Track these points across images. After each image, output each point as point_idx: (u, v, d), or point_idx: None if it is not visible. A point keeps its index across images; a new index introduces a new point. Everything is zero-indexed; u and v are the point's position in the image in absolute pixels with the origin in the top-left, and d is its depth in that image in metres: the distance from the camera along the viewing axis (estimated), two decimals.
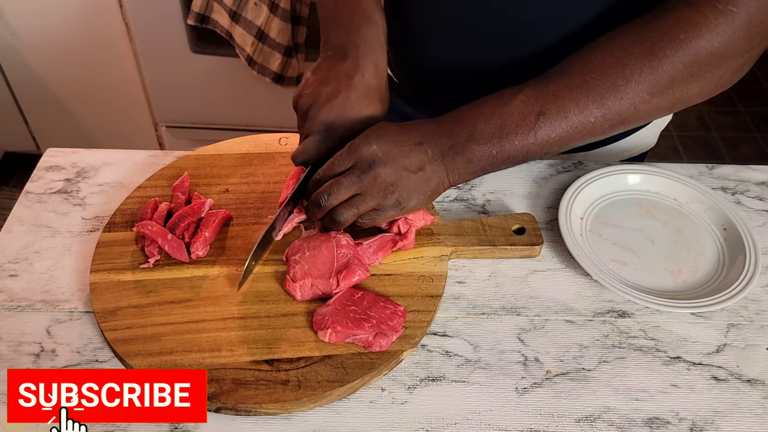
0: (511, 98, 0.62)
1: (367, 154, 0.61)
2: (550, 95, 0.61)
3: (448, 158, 0.63)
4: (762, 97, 2.57)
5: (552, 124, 0.61)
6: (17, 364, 0.61)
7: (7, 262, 0.69)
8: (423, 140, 0.63)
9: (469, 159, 0.62)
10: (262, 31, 1.54)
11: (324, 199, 0.63)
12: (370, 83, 0.67)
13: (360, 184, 0.62)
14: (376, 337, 0.60)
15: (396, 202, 0.63)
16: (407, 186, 0.62)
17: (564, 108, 0.60)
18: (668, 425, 0.58)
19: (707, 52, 0.58)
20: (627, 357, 0.63)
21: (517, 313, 0.66)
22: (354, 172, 0.62)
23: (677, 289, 0.69)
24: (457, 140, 0.62)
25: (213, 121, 1.86)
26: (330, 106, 0.66)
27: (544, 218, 0.76)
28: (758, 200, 0.79)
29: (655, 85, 0.59)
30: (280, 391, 0.57)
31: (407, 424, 0.58)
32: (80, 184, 0.78)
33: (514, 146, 0.62)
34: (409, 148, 0.62)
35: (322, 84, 0.67)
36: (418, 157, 0.62)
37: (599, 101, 0.60)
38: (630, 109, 0.61)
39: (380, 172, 0.61)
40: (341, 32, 0.69)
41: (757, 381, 0.62)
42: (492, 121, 0.62)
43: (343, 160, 0.62)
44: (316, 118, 0.66)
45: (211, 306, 0.64)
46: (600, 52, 0.61)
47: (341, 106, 0.66)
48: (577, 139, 0.62)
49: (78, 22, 1.69)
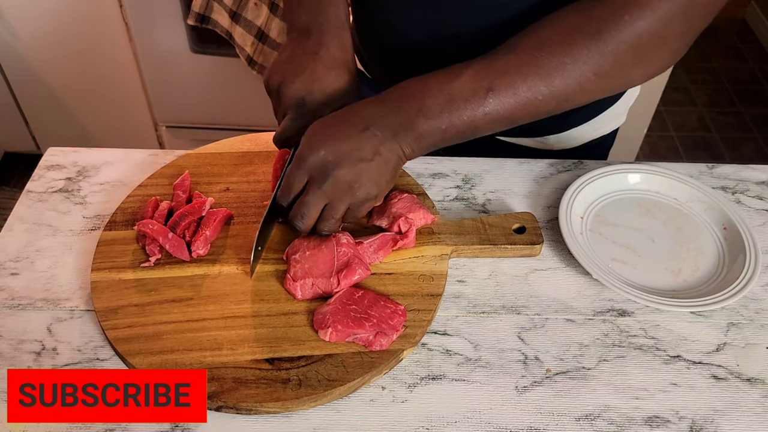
0: (460, 73, 0.62)
1: (318, 163, 0.61)
2: (498, 71, 0.61)
3: (400, 135, 0.62)
4: (762, 97, 2.57)
5: (501, 99, 0.61)
6: (18, 362, 0.61)
7: (8, 260, 0.69)
8: (368, 124, 0.62)
9: (419, 134, 0.62)
10: (262, 31, 1.54)
11: (299, 222, 0.63)
12: (335, 56, 0.69)
13: (324, 196, 0.62)
14: (376, 336, 0.60)
15: (366, 195, 0.63)
16: (369, 175, 0.62)
17: (513, 84, 0.61)
18: (668, 424, 0.58)
19: (649, 34, 0.59)
20: (627, 356, 0.63)
21: (518, 311, 0.66)
22: (314, 185, 0.61)
23: (677, 288, 0.69)
24: (406, 116, 0.62)
25: (213, 121, 1.86)
26: (299, 81, 0.67)
27: (544, 217, 0.76)
28: (758, 200, 0.79)
29: (600, 66, 0.60)
30: (280, 390, 0.57)
31: (407, 423, 0.58)
32: (81, 183, 0.78)
33: (462, 121, 0.62)
34: (357, 137, 0.61)
35: (290, 62, 0.68)
36: (370, 142, 0.61)
37: (547, 79, 0.61)
38: (576, 88, 0.62)
39: (338, 175, 0.61)
40: (304, 13, 0.71)
41: (756, 380, 0.62)
42: (441, 96, 0.61)
43: (297, 176, 0.62)
44: (288, 94, 0.68)
45: (212, 305, 0.64)
46: (548, 30, 0.62)
47: (309, 80, 0.67)
48: (525, 115, 0.63)
49: (78, 22, 1.69)
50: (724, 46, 2.82)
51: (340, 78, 0.69)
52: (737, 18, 2.98)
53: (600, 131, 0.88)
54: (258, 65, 1.59)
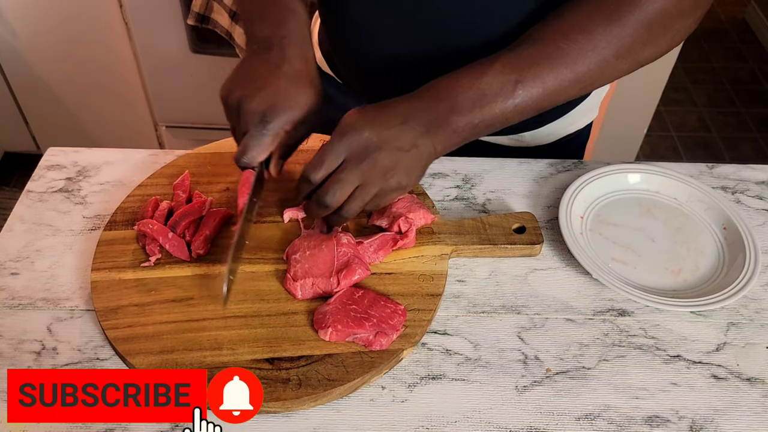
0: (488, 68, 0.64)
1: (362, 143, 0.61)
2: (525, 63, 0.63)
3: (433, 131, 0.63)
4: (762, 97, 2.57)
5: (529, 90, 0.63)
6: (18, 362, 0.61)
7: (8, 260, 0.69)
8: (407, 118, 0.63)
9: (453, 130, 0.64)
10: None
11: (330, 198, 0.62)
12: (298, 69, 0.67)
13: (361, 175, 0.61)
14: (376, 335, 0.60)
15: (397, 184, 0.63)
16: (405, 165, 0.63)
17: (540, 75, 0.63)
18: (668, 423, 0.58)
19: (662, 14, 0.63)
20: (627, 355, 0.63)
21: (518, 311, 0.66)
22: (351, 164, 0.61)
23: (677, 287, 0.69)
24: (439, 113, 0.63)
25: (213, 121, 1.86)
26: (262, 97, 0.64)
27: (544, 217, 0.76)
28: (758, 199, 0.79)
29: (619, 48, 0.64)
30: (280, 389, 0.57)
31: (407, 422, 0.58)
32: (81, 183, 0.78)
33: (494, 114, 0.64)
34: (397, 128, 0.62)
35: (251, 77, 0.66)
36: (408, 135, 0.62)
37: (571, 67, 0.64)
38: (598, 73, 0.65)
39: (377, 158, 0.61)
40: (265, 26, 0.69)
41: (756, 379, 0.62)
42: (472, 91, 0.63)
43: (335, 153, 0.62)
44: (249, 110, 0.64)
45: (212, 305, 0.64)
46: (569, 19, 0.64)
47: (273, 95, 0.65)
48: (551, 103, 0.66)
49: (78, 22, 1.69)
50: (724, 46, 2.82)
51: (304, 93, 0.66)
52: (737, 18, 2.98)
53: (574, 126, 0.89)
54: None
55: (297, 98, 0.66)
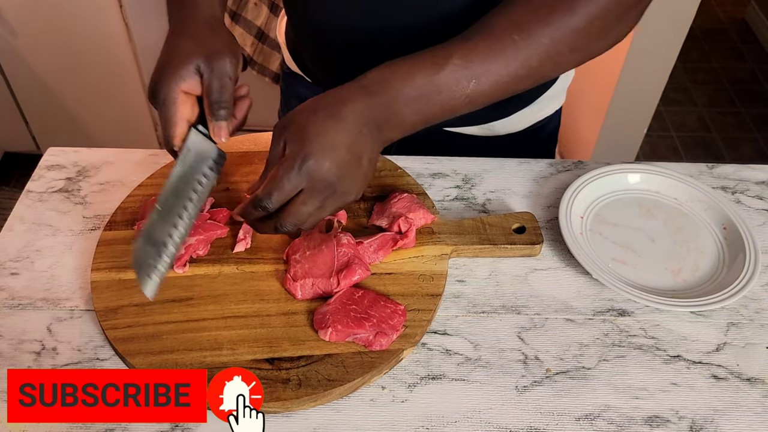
0: (444, 62, 0.62)
1: (322, 175, 0.58)
2: (481, 57, 0.62)
3: (385, 131, 0.61)
4: (762, 97, 2.57)
5: (482, 86, 0.63)
6: (18, 362, 0.61)
7: (8, 260, 0.69)
8: (361, 125, 0.60)
9: (404, 129, 0.62)
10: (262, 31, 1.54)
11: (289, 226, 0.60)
12: (176, 32, 0.68)
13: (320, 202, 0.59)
14: (376, 336, 0.60)
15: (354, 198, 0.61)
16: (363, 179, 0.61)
17: (494, 71, 0.62)
18: (668, 424, 0.58)
19: (616, 4, 0.62)
20: (627, 355, 0.63)
21: (518, 311, 0.66)
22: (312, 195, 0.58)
23: (677, 287, 0.69)
24: (393, 111, 0.61)
25: None
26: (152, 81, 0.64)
27: (544, 217, 0.76)
28: (758, 199, 0.79)
29: (575, 42, 0.63)
30: (280, 389, 0.57)
31: (407, 423, 0.58)
32: (81, 183, 0.78)
33: (445, 109, 0.63)
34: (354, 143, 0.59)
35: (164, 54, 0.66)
36: (363, 147, 0.60)
37: (527, 62, 0.63)
38: (552, 66, 0.64)
39: (339, 188, 0.59)
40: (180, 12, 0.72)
41: (756, 380, 0.62)
42: (428, 88, 0.61)
43: (294, 183, 0.58)
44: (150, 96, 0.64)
45: (212, 305, 0.64)
46: (524, 10, 0.63)
47: (157, 71, 0.64)
48: (503, 95, 0.65)
49: (78, 22, 1.69)
50: (724, 46, 2.82)
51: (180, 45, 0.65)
52: (737, 18, 2.98)
53: (543, 113, 0.89)
54: (258, 65, 1.59)
55: (175, 54, 0.64)
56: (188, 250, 0.66)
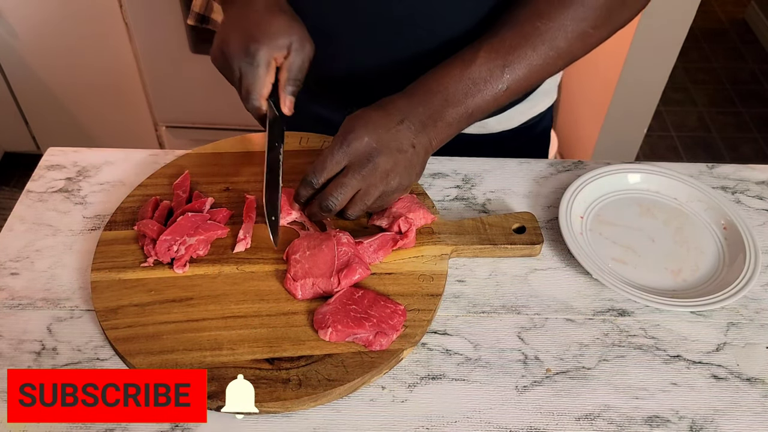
0: (474, 57, 0.65)
1: (362, 149, 0.63)
2: (508, 47, 0.65)
3: (429, 127, 0.65)
4: (762, 97, 2.57)
5: (516, 72, 0.65)
6: (18, 362, 0.61)
7: (8, 260, 0.69)
8: (404, 117, 0.64)
9: (448, 123, 0.66)
10: None
11: (332, 202, 0.64)
12: (266, 3, 0.68)
13: (362, 180, 0.63)
14: (376, 336, 0.60)
15: (398, 184, 0.65)
16: (404, 166, 0.64)
17: (524, 56, 0.65)
18: (668, 423, 0.58)
19: None
20: (627, 355, 0.63)
21: (518, 311, 0.66)
22: (354, 169, 0.63)
23: (677, 287, 0.69)
24: (434, 108, 0.65)
25: (213, 121, 1.86)
26: (239, 35, 0.66)
27: (544, 217, 0.76)
28: (758, 199, 0.79)
29: (596, 19, 0.66)
30: (280, 389, 0.57)
31: (407, 422, 0.58)
32: (81, 183, 0.78)
33: (486, 100, 0.66)
34: (395, 129, 0.64)
35: (225, 27, 0.69)
36: (406, 135, 0.64)
37: (553, 43, 0.65)
38: (579, 45, 0.67)
39: (378, 162, 0.63)
40: None
41: (756, 379, 0.62)
42: (462, 82, 0.65)
43: (336, 158, 0.63)
44: (233, 53, 0.66)
45: (212, 305, 0.64)
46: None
47: (248, 29, 0.66)
48: (538, 80, 0.68)
49: (78, 22, 1.69)
50: (724, 46, 2.82)
51: (279, 18, 0.67)
52: (737, 18, 2.98)
53: (535, 109, 0.90)
54: None
55: (273, 25, 0.67)
56: (188, 250, 0.66)
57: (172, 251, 0.66)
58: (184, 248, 0.66)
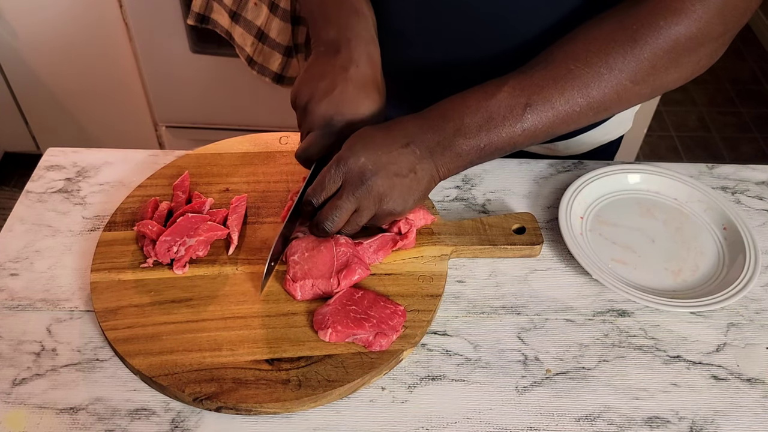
0: (497, 90, 0.62)
1: (357, 168, 0.61)
2: (535, 86, 0.61)
3: (437, 154, 0.63)
4: (762, 97, 2.57)
5: (538, 114, 0.61)
6: (17, 363, 0.61)
7: (7, 261, 0.69)
8: (409, 140, 0.62)
9: (457, 153, 0.63)
10: (262, 31, 1.54)
11: (328, 225, 0.63)
12: (365, 74, 0.67)
13: (356, 201, 0.62)
14: (376, 336, 0.60)
15: (392, 209, 0.63)
16: (401, 191, 0.62)
17: (550, 99, 0.61)
18: (668, 424, 0.58)
19: (686, 38, 0.59)
20: (627, 356, 0.63)
21: (517, 312, 0.66)
22: (347, 190, 0.62)
23: (677, 288, 0.69)
24: (444, 135, 0.62)
25: (213, 121, 1.86)
26: (328, 100, 0.65)
27: (544, 218, 0.76)
28: (758, 200, 0.79)
29: (637, 73, 0.61)
30: (280, 390, 0.57)
31: (407, 423, 0.58)
32: (81, 184, 0.78)
33: (501, 138, 0.62)
34: (397, 152, 0.62)
35: (319, 79, 0.66)
36: (408, 159, 0.62)
37: (584, 90, 0.61)
38: (613, 97, 0.62)
39: (372, 184, 0.61)
40: (331, 27, 0.69)
41: (757, 380, 0.62)
42: (479, 114, 0.62)
43: (333, 177, 0.62)
44: (316, 112, 0.65)
45: (212, 305, 0.64)
46: (582, 41, 0.62)
47: (339, 99, 0.65)
48: (563, 127, 0.63)
49: (78, 22, 1.69)
50: None
51: (370, 98, 0.66)
52: None
53: (608, 136, 0.88)
54: (258, 65, 1.59)
55: (363, 104, 0.66)
56: (188, 251, 0.66)
57: (171, 252, 0.66)
58: (183, 249, 0.66)
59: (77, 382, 0.60)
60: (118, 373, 0.60)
